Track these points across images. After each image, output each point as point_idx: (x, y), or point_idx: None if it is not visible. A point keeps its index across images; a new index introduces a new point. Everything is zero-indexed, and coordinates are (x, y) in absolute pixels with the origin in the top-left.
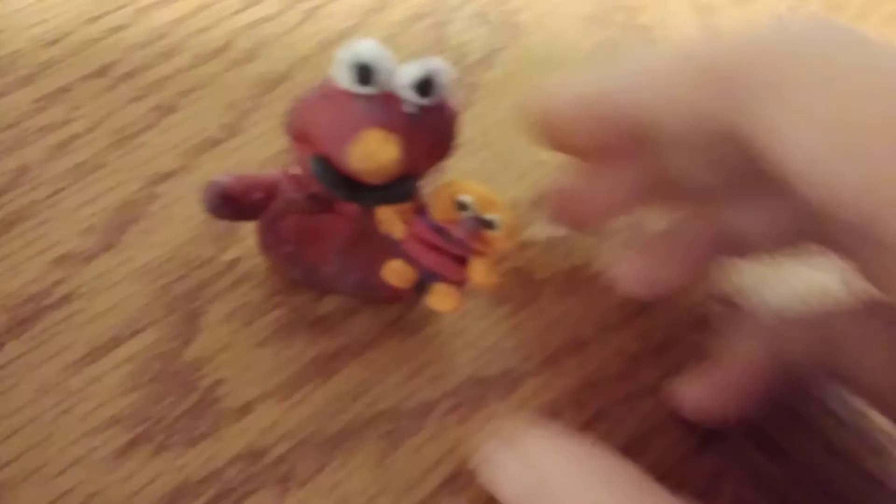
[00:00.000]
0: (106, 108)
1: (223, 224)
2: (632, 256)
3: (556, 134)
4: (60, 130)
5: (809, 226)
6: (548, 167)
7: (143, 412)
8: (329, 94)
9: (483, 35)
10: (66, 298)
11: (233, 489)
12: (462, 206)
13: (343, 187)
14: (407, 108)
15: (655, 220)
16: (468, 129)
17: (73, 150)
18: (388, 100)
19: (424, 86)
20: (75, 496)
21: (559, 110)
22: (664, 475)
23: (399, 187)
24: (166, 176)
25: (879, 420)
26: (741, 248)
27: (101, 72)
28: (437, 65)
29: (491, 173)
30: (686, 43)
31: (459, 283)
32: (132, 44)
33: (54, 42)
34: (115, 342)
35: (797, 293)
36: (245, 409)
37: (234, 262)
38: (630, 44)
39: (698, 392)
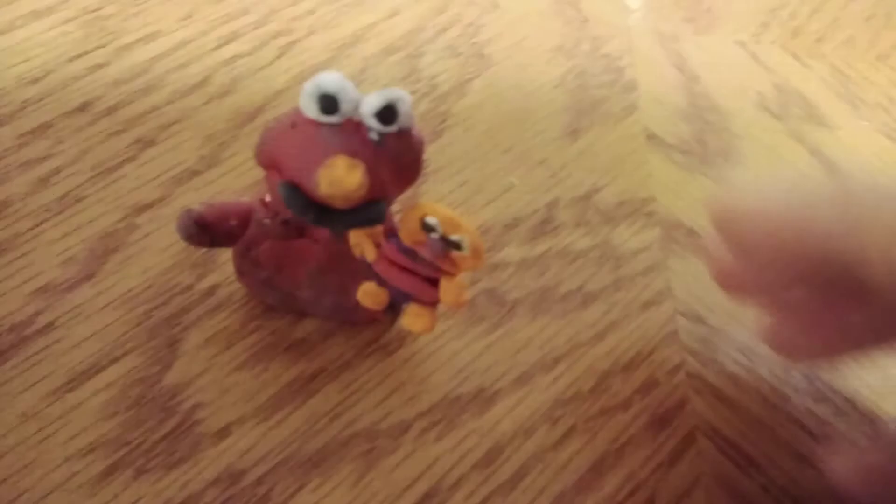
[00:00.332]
0: (87, 143)
1: (201, 252)
2: (783, 322)
3: (733, 236)
4: (42, 165)
5: None
6: (518, 192)
7: (122, 437)
8: (297, 124)
9: (454, 66)
10: (48, 327)
11: None
12: (429, 228)
13: (312, 212)
14: (371, 136)
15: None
16: (440, 156)
17: (55, 184)
18: (354, 128)
19: (386, 114)
20: None
21: (746, 219)
22: (637, 487)
23: (367, 211)
24: (146, 207)
25: (848, 431)
26: None
27: (83, 108)
28: (397, 94)
29: (463, 198)
30: None
31: (431, 304)
32: (113, 80)
33: (36, 80)
34: (96, 369)
35: None
36: (224, 432)
37: (212, 289)
38: (596, 72)
39: (849, 468)
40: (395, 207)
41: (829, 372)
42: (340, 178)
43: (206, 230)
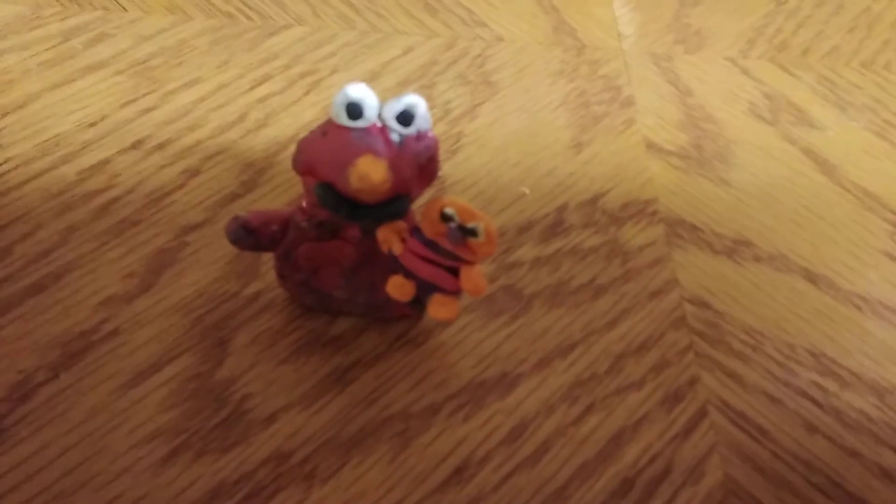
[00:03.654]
0: (140, 175)
1: (245, 263)
2: None
3: None
4: (102, 195)
5: None
6: (529, 200)
7: (181, 425)
8: (328, 131)
9: (464, 93)
10: (112, 333)
11: (264, 487)
12: (447, 218)
13: (345, 208)
14: (393, 137)
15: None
16: (457, 171)
17: (114, 211)
18: (378, 132)
19: (405, 117)
20: (125, 500)
21: None
22: (655, 456)
23: (392, 205)
24: (194, 227)
25: (854, 400)
26: None
27: (135, 146)
28: (414, 99)
29: (480, 207)
30: None
31: (454, 292)
32: (161, 121)
33: (93, 124)
34: (155, 368)
35: None
36: (272, 419)
37: (256, 295)
38: (595, 91)
39: None
40: (415, 206)
41: (833, 349)
42: (367, 173)
43: (251, 234)
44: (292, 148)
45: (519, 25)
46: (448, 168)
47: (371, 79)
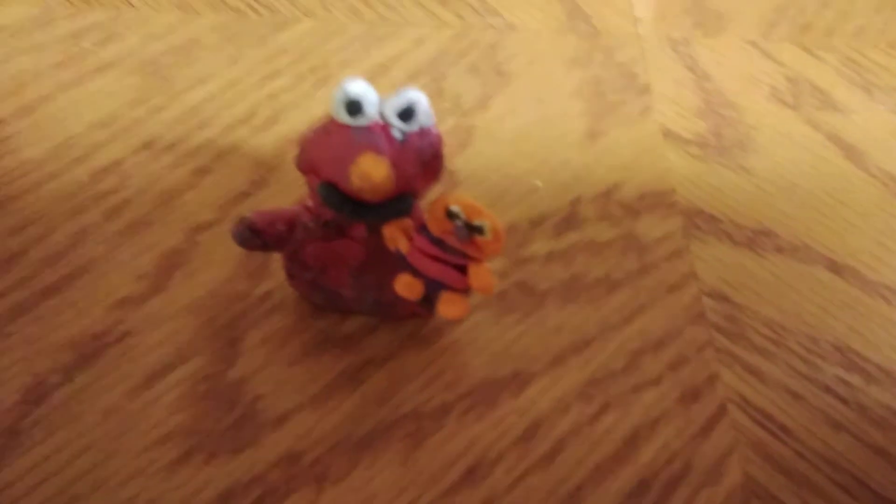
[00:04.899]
0: (152, 176)
1: (256, 262)
2: None
3: None
4: (114, 196)
5: None
6: (542, 192)
7: (194, 427)
8: (329, 129)
9: (476, 84)
10: (125, 335)
11: (275, 489)
12: (453, 216)
13: (348, 207)
14: (395, 134)
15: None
16: (468, 164)
17: (126, 212)
18: (380, 129)
19: (407, 114)
20: (137, 503)
21: None
22: (674, 456)
23: (396, 204)
24: (205, 227)
25: (881, 395)
26: None
27: (146, 146)
28: (415, 95)
29: (491, 201)
30: None
31: (463, 290)
32: (171, 120)
33: (104, 125)
34: (168, 369)
35: None
36: (283, 419)
37: (266, 295)
38: (610, 79)
39: None
40: (422, 204)
41: (859, 342)
42: (368, 172)
43: (257, 235)
44: None
45: (531, 13)
46: (460, 163)
47: (381, 72)
